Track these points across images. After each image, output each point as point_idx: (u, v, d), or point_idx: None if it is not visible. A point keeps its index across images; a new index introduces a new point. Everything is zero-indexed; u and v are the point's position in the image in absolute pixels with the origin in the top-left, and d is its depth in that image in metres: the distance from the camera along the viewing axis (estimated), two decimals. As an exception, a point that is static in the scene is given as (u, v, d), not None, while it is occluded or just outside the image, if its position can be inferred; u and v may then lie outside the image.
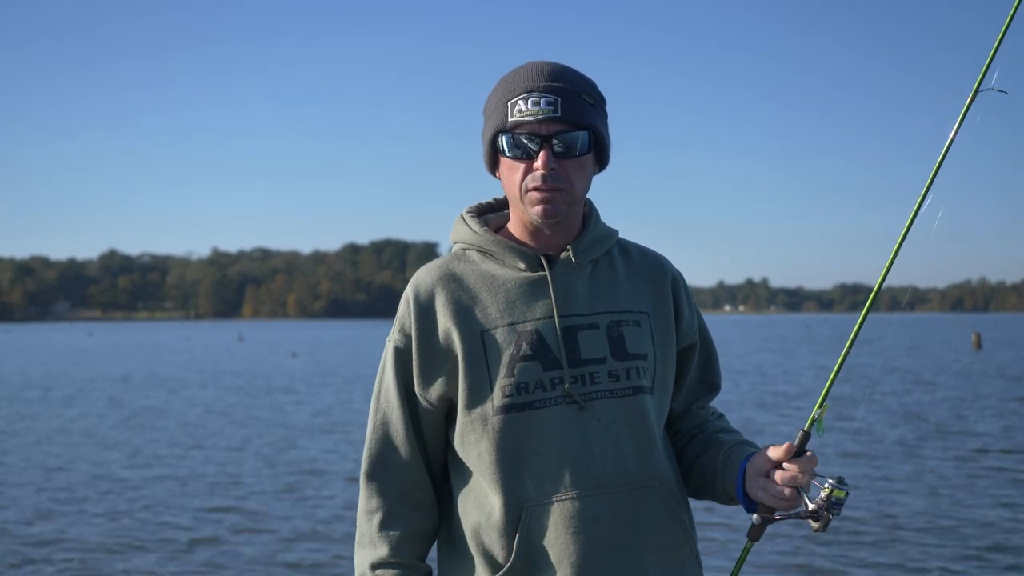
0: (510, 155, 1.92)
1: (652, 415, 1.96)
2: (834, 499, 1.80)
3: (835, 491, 1.80)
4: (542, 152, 1.89)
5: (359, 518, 2.00)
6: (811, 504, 1.82)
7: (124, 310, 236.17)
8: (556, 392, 1.89)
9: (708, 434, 2.06)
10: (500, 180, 1.99)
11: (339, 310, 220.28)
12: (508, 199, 2.00)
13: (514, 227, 2.02)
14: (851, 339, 1.91)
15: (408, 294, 1.99)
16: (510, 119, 1.91)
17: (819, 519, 1.81)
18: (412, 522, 1.96)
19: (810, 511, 1.82)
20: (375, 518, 1.96)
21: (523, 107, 1.89)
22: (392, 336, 1.99)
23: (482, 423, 1.90)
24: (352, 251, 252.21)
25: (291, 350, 52.90)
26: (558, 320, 1.92)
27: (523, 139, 1.90)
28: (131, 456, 13.90)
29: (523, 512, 1.88)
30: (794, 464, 1.83)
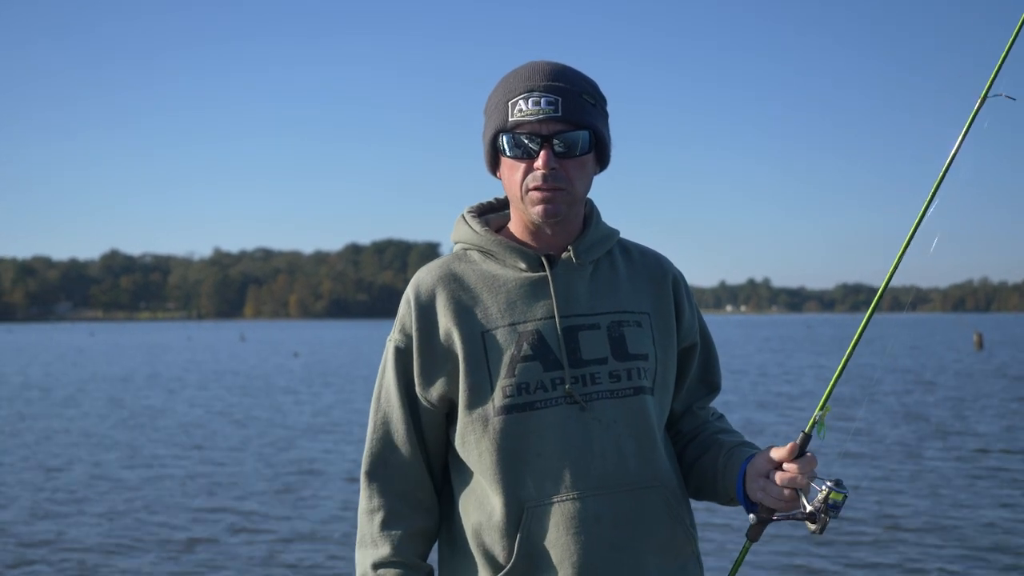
0: (511, 155, 1.92)
1: (653, 415, 1.95)
2: (831, 502, 1.80)
3: (832, 494, 1.80)
4: (543, 152, 1.88)
5: (360, 518, 1.99)
6: (809, 506, 1.82)
7: (126, 310, 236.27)
8: (557, 392, 1.89)
9: (708, 435, 2.06)
10: (501, 180, 1.99)
11: (341, 310, 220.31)
12: (509, 199, 1.99)
13: (515, 227, 2.01)
14: (852, 344, 1.90)
15: (409, 294, 1.99)
16: (511, 119, 1.90)
17: (816, 521, 1.81)
18: (413, 522, 1.96)
19: (807, 513, 1.82)
20: (376, 518, 1.96)
21: (524, 107, 1.89)
22: (393, 336, 1.99)
23: (483, 423, 1.90)
24: (354, 251, 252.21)
25: (293, 350, 52.93)
26: (559, 320, 1.92)
27: (524, 139, 1.90)
28: (130, 456, 13.91)
29: (524, 512, 1.87)
30: (794, 465, 1.83)
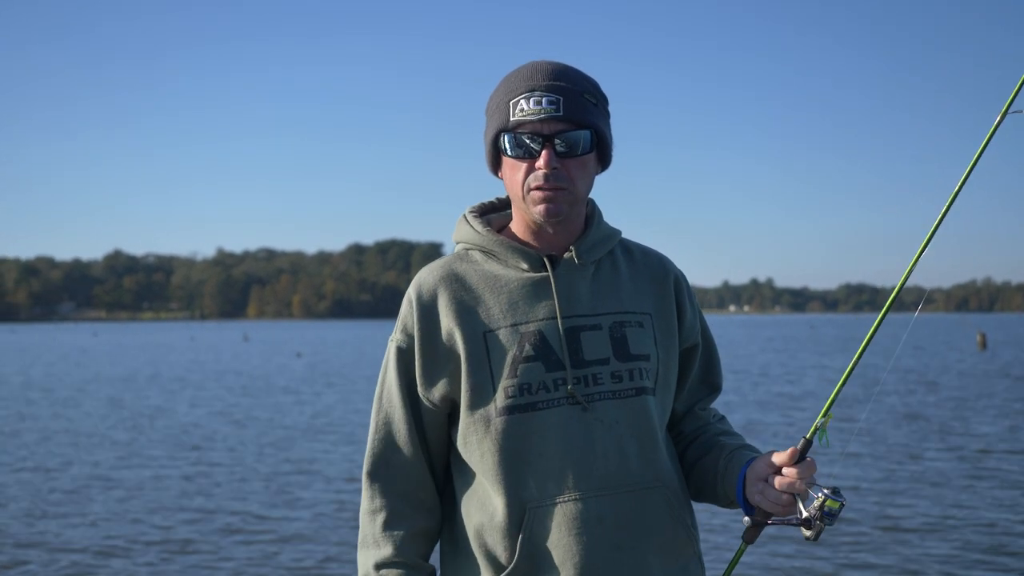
0: (512, 154, 1.92)
1: (655, 416, 1.95)
2: (827, 509, 1.79)
3: (829, 501, 1.79)
4: (544, 151, 1.88)
5: (362, 518, 1.99)
6: (805, 512, 1.82)
7: (129, 310, 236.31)
8: (559, 393, 1.89)
9: (709, 436, 2.05)
10: (502, 180, 1.98)
11: (344, 310, 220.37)
12: (510, 199, 1.99)
13: (517, 227, 2.01)
14: (857, 355, 1.91)
15: (410, 294, 1.99)
16: (512, 118, 1.90)
17: (811, 527, 1.81)
18: (415, 522, 1.96)
19: (803, 519, 1.82)
20: (378, 518, 1.96)
21: (525, 106, 1.89)
22: (394, 336, 1.99)
23: (485, 424, 1.90)
24: (357, 251, 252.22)
25: (296, 350, 52.95)
26: (561, 321, 1.91)
27: (525, 138, 1.90)
28: (129, 457, 13.91)
29: (526, 513, 1.87)
30: (793, 470, 1.82)
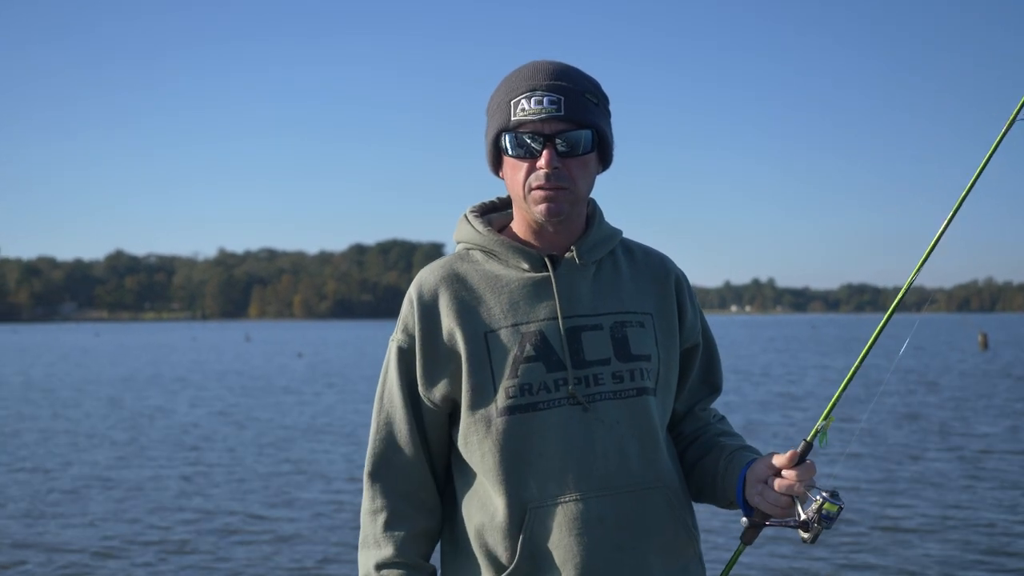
0: (513, 154, 1.92)
1: (655, 416, 1.95)
2: (826, 512, 1.80)
3: (827, 504, 1.80)
4: (545, 151, 1.88)
5: (363, 518, 1.99)
6: (803, 514, 1.82)
7: (131, 310, 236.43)
8: (560, 394, 1.88)
9: (709, 437, 2.05)
10: (503, 180, 1.98)
11: (345, 311, 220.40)
12: (512, 198, 1.99)
13: (518, 227, 2.01)
14: (860, 359, 1.91)
15: (411, 294, 1.98)
16: (513, 118, 1.90)
17: (809, 530, 1.81)
18: (416, 522, 1.96)
19: (801, 521, 1.82)
20: (379, 518, 1.96)
21: (526, 106, 1.89)
22: (395, 336, 1.98)
23: (485, 424, 1.89)
24: (358, 251, 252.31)
25: (297, 350, 52.95)
26: (562, 321, 1.91)
27: (526, 138, 1.89)
28: (128, 457, 13.91)
29: (527, 513, 1.87)
30: (792, 472, 1.82)
